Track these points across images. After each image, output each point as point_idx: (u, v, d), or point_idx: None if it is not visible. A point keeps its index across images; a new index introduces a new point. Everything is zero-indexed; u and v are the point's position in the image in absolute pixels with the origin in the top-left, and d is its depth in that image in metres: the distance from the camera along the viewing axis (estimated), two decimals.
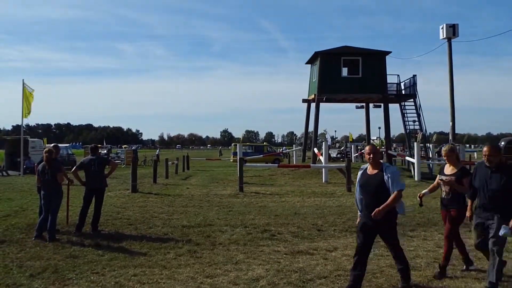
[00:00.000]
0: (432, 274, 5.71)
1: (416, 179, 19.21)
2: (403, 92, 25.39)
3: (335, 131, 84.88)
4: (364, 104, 29.09)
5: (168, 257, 6.61)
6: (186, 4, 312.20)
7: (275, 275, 5.72)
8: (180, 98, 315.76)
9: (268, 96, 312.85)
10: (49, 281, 5.53)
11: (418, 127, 24.36)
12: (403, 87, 25.55)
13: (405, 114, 24.52)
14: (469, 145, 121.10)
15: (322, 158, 20.67)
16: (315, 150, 24.52)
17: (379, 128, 52.19)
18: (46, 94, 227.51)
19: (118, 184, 17.83)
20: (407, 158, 23.41)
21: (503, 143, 37.91)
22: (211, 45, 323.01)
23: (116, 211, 10.87)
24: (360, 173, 5.33)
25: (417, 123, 24.39)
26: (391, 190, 5.00)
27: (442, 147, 6.18)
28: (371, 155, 5.19)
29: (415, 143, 20.60)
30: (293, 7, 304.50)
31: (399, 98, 25.04)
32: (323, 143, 21.48)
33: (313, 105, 25.63)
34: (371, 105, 28.48)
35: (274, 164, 27.59)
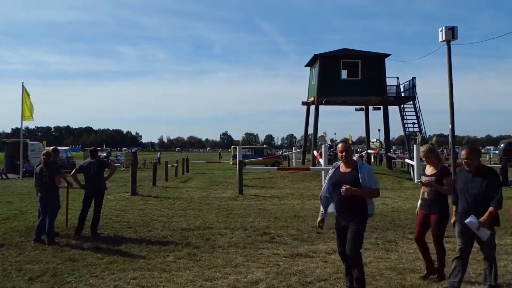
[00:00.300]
0: (433, 278, 5.70)
1: (416, 181, 19.20)
2: (403, 95, 25.43)
3: (335, 134, 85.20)
4: (364, 107, 29.12)
5: (168, 260, 6.60)
6: (187, 7, 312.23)
7: (275, 278, 5.72)
8: (180, 101, 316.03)
9: (268, 99, 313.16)
10: (48, 285, 5.52)
11: (418, 130, 24.40)
12: (403, 90, 25.59)
13: (405, 117, 24.56)
14: None
15: (322, 161, 20.66)
16: (315, 153, 24.53)
17: (379, 131, 52.15)
18: (46, 97, 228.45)
19: (118, 187, 17.82)
20: (407, 161, 23.41)
21: (503, 145, 38.24)
22: (211, 48, 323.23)
23: (116, 214, 10.87)
24: (332, 171, 5.16)
25: (417, 126, 24.43)
26: (369, 187, 4.85)
27: (421, 148, 6.05)
28: (344, 153, 5.02)
29: (415, 146, 20.61)
30: (293, 10, 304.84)
31: (399, 101, 25.09)
32: (323, 146, 21.48)
33: (313, 108, 25.66)
34: (371, 108, 28.50)
35: (274, 167, 27.59)
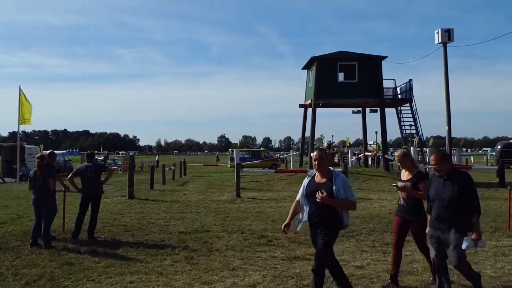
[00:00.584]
0: (429, 278, 5.70)
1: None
2: (399, 97, 25.48)
3: (332, 136, 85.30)
4: (361, 109, 29.16)
5: (165, 264, 6.59)
6: (184, 10, 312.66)
7: (272, 281, 5.72)
8: (178, 104, 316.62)
9: (266, 101, 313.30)
10: None
11: (415, 132, 24.46)
12: (399, 92, 25.64)
13: (402, 119, 24.59)
14: (466, 149, 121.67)
15: None
16: (312, 155, 24.52)
17: (376, 133, 52.34)
18: (43, 100, 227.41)
19: (115, 191, 17.79)
20: None
21: (500, 147, 38.37)
22: (209, 50, 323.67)
23: (113, 218, 10.85)
24: (307, 181, 4.81)
25: (414, 128, 24.49)
26: (344, 198, 4.57)
27: (395, 153, 5.75)
28: (317, 162, 4.66)
29: (412, 148, 20.65)
30: (291, 12, 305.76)
31: (395, 103, 25.12)
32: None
33: (310, 110, 25.69)
34: (368, 110, 28.54)
35: (271, 170, 27.57)
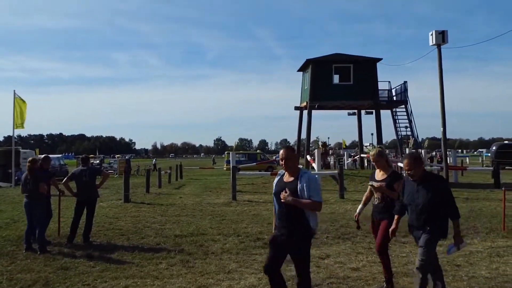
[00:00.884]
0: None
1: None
2: (394, 99, 25.60)
3: (328, 138, 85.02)
4: (356, 111, 29.24)
5: (160, 267, 6.58)
6: (180, 13, 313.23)
7: (268, 284, 5.66)
8: (174, 107, 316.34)
9: (262, 104, 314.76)
10: None
11: (410, 133, 24.54)
12: (394, 94, 25.76)
13: (397, 120, 24.71)
14: (461, 150, 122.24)
15: (315, 165, 20.70)
16: (308, 158, 24.58)
17: (372, 135, 52.34)
18: (39, 105, 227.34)
19: (111, 194, 17.74)
20: (399, 164, 23.49)
21: (495, 148, 38.54)
22: (205, 53, 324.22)
23: (108, 222, 10.81)
24: (276, 180, 4.61)
25: (409, 129, 24.57)
26: (308, 198, 4.27)
27: (371, 152, 5.67)
28: (284, 161, 4.43)
29: (407, 149, 20.71)
30: (287, 15, 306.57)
31: (391, 105, 25.24)
32: (316, 150, 21.52)
33: (306, 113, 25.74)
34: (363, 112, 28.63)
35: (267, 172, 27.58)
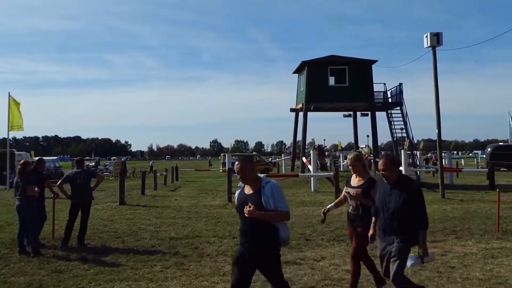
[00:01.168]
0: (418, 282, 5.72)
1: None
2: (390, 100, 25.67)
3: (324, 140, 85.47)
4: (352, 113, 29.30)
5: (155, 270, 6.57)
6: (176, 15, 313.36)
7: (262, 286, 5.70)
8: (170, 109, 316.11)
9: (258, 106, 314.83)
10: None
11: (405, 135, 24.60)
12: (390, 95, 25.83)
13: (392, 122, 24.75)
14: (456, 152, 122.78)
15: (311, 167, 20.71)
16: (304, 159, 24.60)
17: (368, 136, 52.46)
18: (34, 107, 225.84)
19: (106, 197, 17.69)
20: None
21: (490, 149, 38.62)
22: (201, 55, 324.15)
23: (103, 224, 10.78)
24: (237, 193, 4.31)
25: (404, 131, 24.63)
26: (275, 208, 4.01)
27: (348, 156, 5.41)
28: (239, 174, 4.11)
29: (402, 151, 20.75)
30: (283, 17, 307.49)
31: (386, 106, 25.30)
32: (311, 152, 21.54)
33: (301, 114, 25.76)
34: (359, 114, 28.71)
35: (263, 174, 27.56)
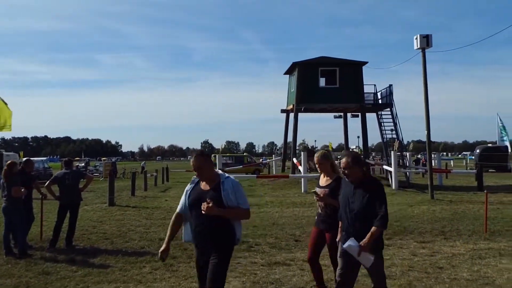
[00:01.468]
0: (407, 283, 5.75)
1: (394, 188, 19.45)
2: (380, 102, 25.83)
3: (315, 141, 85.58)
4: (342, 114, 29.45)
5: (144, 271, 6.53)
6: (167, 15, 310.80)
7: (251, 287, 5.71)
8: (161, 109, 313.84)
9: (249, 107, 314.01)
10: None
11: (395, 136, 24.74)
12: (380, 97, 26.00)
13: (382, 123, 24.89)
14: (446, 153, 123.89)
15: (301, 168, 20.76)
16: (294, 160, 24.66)
17: (358, 137, 52.70)
18: (23, 107, 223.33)
19: (95, 198, 17.57)
20: (385, 167, 23.70)
21: (478, 151, 39.06)
22: (192, 56, 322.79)
23: (92, 225, 10.70)
24: (190, 188, 4.03)
25: (394, 132, 24.79)
26: (236, 205, 3.84)
27: (315, 154, 5.13)
28: (197, 171, 3.91)
29: (392, 152, 20.88)
30: (275, 18, 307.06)
31: (376, 108, 25.45)
32: (302, 153, 21.59)
33: (292, 115, 25.83)
34: (349, 115, 28.86)
35: (254, 175, 27.63)
